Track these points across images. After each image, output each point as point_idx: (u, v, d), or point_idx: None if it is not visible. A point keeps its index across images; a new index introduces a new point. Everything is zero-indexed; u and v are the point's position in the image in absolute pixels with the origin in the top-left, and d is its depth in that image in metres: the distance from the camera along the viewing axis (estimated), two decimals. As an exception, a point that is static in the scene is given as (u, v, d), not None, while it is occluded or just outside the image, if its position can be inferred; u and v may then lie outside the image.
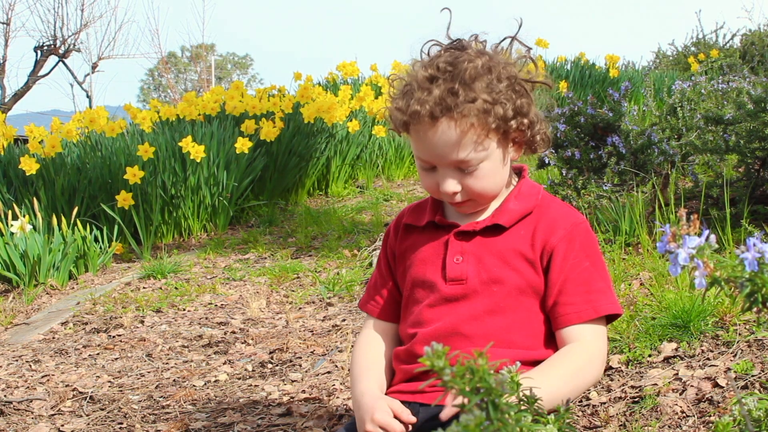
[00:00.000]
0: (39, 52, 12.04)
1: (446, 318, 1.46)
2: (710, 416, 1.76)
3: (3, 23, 12.18)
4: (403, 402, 1.44)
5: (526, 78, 1.46)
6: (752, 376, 1.86)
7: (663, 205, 3.33)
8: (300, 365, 2.69)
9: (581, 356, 1.40)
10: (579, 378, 1.38)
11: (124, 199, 4.85)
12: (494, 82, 1.40)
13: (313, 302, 3.51)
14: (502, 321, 1.44)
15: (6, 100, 11.89)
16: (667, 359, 2.10)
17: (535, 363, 1.42)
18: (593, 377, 1.41)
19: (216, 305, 3.61)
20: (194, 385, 2.58)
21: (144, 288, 4.03)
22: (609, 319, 1.47)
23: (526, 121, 1.43)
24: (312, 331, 3.07)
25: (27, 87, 11.94)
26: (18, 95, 11.94)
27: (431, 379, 0.78)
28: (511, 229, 1.46)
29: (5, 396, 2.58)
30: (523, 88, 1.44)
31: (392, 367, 1.56)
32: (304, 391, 2.42)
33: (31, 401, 2.53)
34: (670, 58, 11.22)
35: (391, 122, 1.49)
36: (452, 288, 1.46)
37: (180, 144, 5.26)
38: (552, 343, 1.46)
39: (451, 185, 1.42)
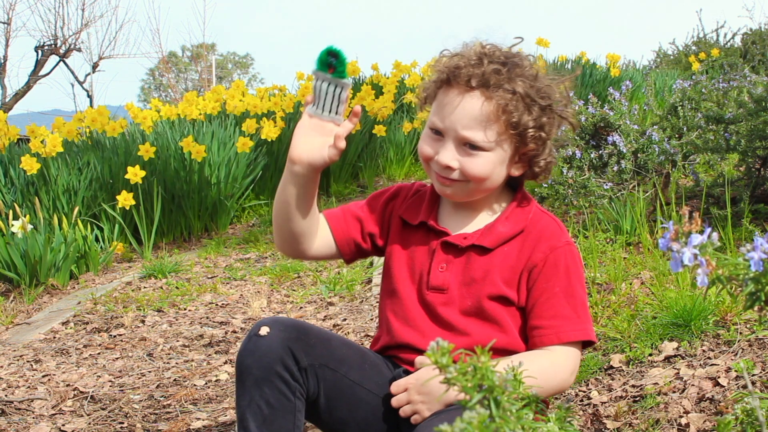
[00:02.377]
0: (40, 52, 12.04)
1: (428, 321, 1.51)
2: (711, 415, 1.76)
3: (4, 23, 12.19)
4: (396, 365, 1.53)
5: (561, 112, 1.50)
6: (753, 375, 1.86)
7: (664, 204, 3.33)
8: (301, 364, 2.69)
9: (546, 359, 1.44)
10: (542, 378, 1.38)
11: (125, 198, 4.85)
12: (534, 91, 1.44)
13: (314, 302, 3.51)
14: (480, 327, 1.48)
15: (7, 100, 11.90)
16: (668, 358, 2.10)
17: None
18: (556, 383, 1.44)
19: (217, 305, 3.61)
20: (195, 385, 2.58)
21: (145, 287, 4.04)
22: (584, 344, 1.50)
23: (539, 141, 1.46)
24: (313, 331, 3.07)
25: (28, 87, 11.94)
26: (19, 95, 11.94)
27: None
28: (495, 250, 1.49)
29: (6, 396, 2.58)
30: (553, 116, 1.48)
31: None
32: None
33: (32, 401, 2.53)
34: (671, 57, 11.22)
35: (422, 90, 1.53)
36: (433, 296, 1.50)
37: (181, 144, 5.26)
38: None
39: (449, 157, 1.44)
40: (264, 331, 1.42)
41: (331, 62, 1.39)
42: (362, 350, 1.55)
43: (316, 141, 1.44)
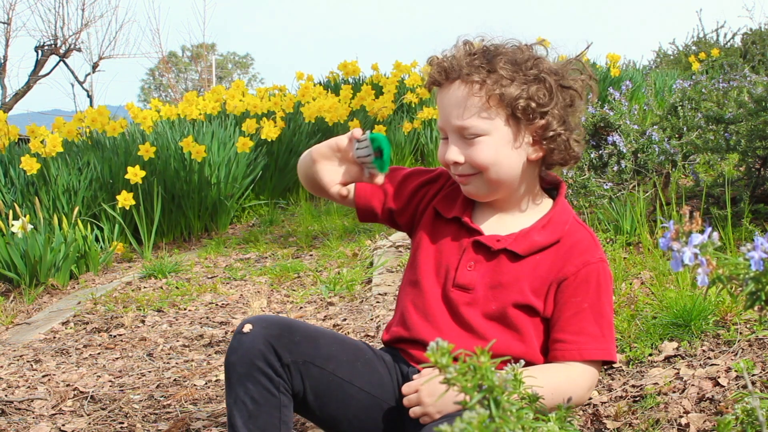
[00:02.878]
0: (40, 52, 12.04)
1: (450, 320, 1.49)
2: (711, 415, 1.75)
3: (4, 23, 12.18)
4: (403, 360, 1.53)
5: (564, 82, 1.48)
6: (753, 375, 1.86)
7: (664, 204, 3.33)
8: (301, 364, 2.69)
9: (562, 374, 1.43)
10: (556, 392, 1.37)
11: (125, 198, 4.85)
12: (517, 65, 1.44)
13: (314, 302, 3.51)
14: (500, 328, 1.46)
15: (7, 100, 11.90)
16: (668, 358, 2.10)
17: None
18: (573, 399, 1.41)
19: (217, 305, 3.61)
20: (195, 385, 2.58)
21: (145, 287, 4.04)
22: (605, 363, 1.49)
23: (539, 108, 1.43)
24: (313, 331, 3.07)
25: (28, 87, 11.94)
26: (19, 95, 11.94)
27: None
28: (527, 258, 1.47)
29: (6, 396, 2.58)
30: (548, 84, 1.45)
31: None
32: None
33: (32, 401, 2.53)
34: (671, 57, 11.22)
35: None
36: (457, 294, 1.48)
37: (181, 144, 5.26)
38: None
39: (453, 153, 1.45)
40: (247, 328, 1.44)
41: (379, 149, 1.44)
42: (357, 347, 1.54)
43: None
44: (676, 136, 3.88)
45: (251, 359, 1.41)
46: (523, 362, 1.07)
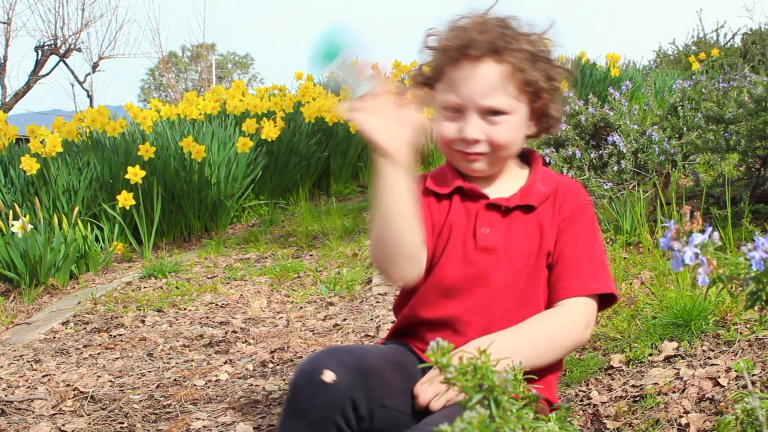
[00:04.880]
0: (40, 52, 12.04)
1: (473, 291, 1.47)
2: (711, 415, 1.75)
3: (4, 23, 12.18)
4: (422, 360, 1.50)
5: (558, 63, 1.52)
6: (753, 375, 1.86)
7: (664, 204, 3.33)
8: (301, 364, 2.69)
9: (558, 319, 1.45)
10: (555, 340, 1.42)
11: (125, 198, 4.85)
12: (534, 46, 1.46)
13: (314, 302, 3.51)
14: (520, 296, 1.47)
15: (7, 100, 11.89)
16: (668, 358, 2.10)
17: None
18: (571, 340, 1.45)
19: (217, 305, 3.61)
20: (195, 385, 2.58)
21: (145, 287, 4.03)
22: (605, 299, 1.50)
23: (552, 93, 1.47)
24: (313, 331, 3.07)
25: (28, 87, 11.94)
26: (19, 95, 11.94)
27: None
28: (539, 208, 1.50)
29: (6, 396, 2.58)
30: (555, 64, 1.50)
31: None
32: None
33: (32, 401, 2.53)
34: (671, 57, 11.22)
35: (420, 74, 1.51)
36: (482, 257, 1.47)
37: (181, 143, 5.26)
38: None
39: (476, 131, 1.43)
40: (329, 377, 1.31)
41: (326, 52, 1.34)
42: (402, 364, 1.47)
43: (390, 123, 1.35)
44: (676, 136, 3.88)
45: (330, 414, 1.32)
46: (523, 362, 1.06)
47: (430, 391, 1.39)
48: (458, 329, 1.48)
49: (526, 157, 1.59)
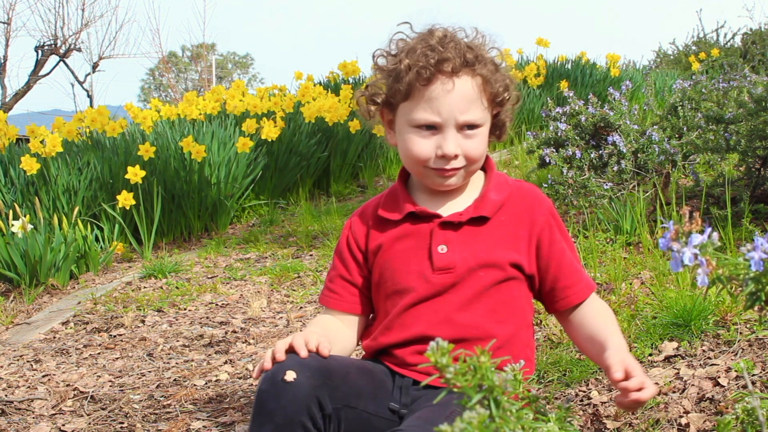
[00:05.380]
0: (40, 52, 12.04)
1: (435, 307, 1.47)
2: (711, 415, 1.75)
3: (4, 23, 12.18)
4: (395, 372, 1.50)
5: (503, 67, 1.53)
6: (753, 375, 1.86)
7: (664, 204, 3.33)
8: (301, 364, 2.69)
9: (608, 309, 1.54)
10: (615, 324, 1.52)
11: (125, 198, 4.85)
12: (489, 57, 1.48)
13: (314, 302, 3.51)
14: (490, 304, 1.47)
15: (7, 100, 11.90)
16: (668, 358, 2.10)
17: (514, 342, 1.48)
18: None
19: (217, 305, 3.61)
20: (195, 385, 2.58)
21: (145, 287, 4.04)
22: None
23: (508, 103, 1.51)
24: (313, 331, 3.07)
25: (28, 87, 11.94)
26: (19, 95, 11.94)
27: (428, 363, 0.78)
28: (493, 218, 1.50)
29: (6, 395, 2.58)
30: (504, 72, 1.51)
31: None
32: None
33: (32, 401, 2.53)
34: (671, 57, 11.22)
35: (371, 99, 1.51)
36: (440, 277, 1.48)
37: (181, 143, 5.26)
38: (530, 320, 1.55)
39: (453, 147, 1.44)
40: (290, 376, 1.33)
41: None
42: (369, 370, 1.50)
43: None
44: (676, 136, 3.88)
45: (295, 412, 1.32)
46: (522, 362, 1.06)
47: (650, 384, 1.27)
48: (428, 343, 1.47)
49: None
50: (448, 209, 1.52)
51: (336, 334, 1.54)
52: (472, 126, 1.44)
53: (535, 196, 1.54)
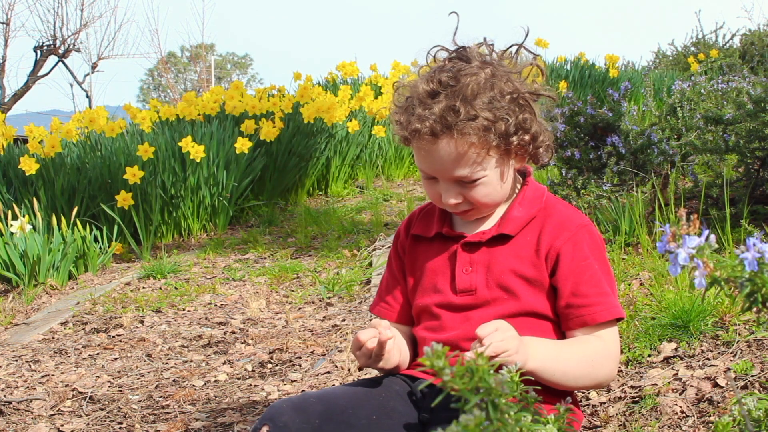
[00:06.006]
0: (39, 52, 12.04)
1: (460, 327, 1.46)
2: (710, 416, 1.76)
3: (2, 23, 12.18)
4: (415, 378, 1.48)
5: (531, 90, 1.44)
6: (752, 376, 1.86)
7: (663, 205, 3.33)
8: (300, 365, 2.69)
9: (598, 348, 1.40)
10: (592, 366, 1.38)
11: (123, 199, 4.85)
12: (497, 98, 1.38)
13: (313, 302, 3.51)
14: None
15: (6, 100, 11.89)
16: (666, 359, 2.10)
17: None
18: (606, 373, 1.41)
19: (216, 305, 3.61)
20: (194, 385, 2.58)
21: (144, 288, 4.03)
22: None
23: (527, 137, 1.42)
24: (312, 331, 3.07)
25: (27, 87, 11.94)
26: (18, 95, 11.94)
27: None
28: (517, 236, 1.46)
29: (5, 396, 2.58)
30: (527, 101, 1.42)
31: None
32: (303, 391, 2.42)
33: (30, 401, 2.53)
34: (670, 58, 11.22)
35: (398, 128, 1.47)
36: (462, 299, 1.46)
37: (180, 144, 5.26)
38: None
39: (452, 197, 1.43)
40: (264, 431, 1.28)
41: None
42: (369, 395, 1.44)
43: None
44: (675, 136, 3.88)
45: None
46: (519, 364, 1.06)
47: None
48: (460, 347, 1.41)
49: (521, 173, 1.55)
50: (475, 228, 1.51)
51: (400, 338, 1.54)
52: (470, 180, 1.40)
53: (563, 217, 1.46)
